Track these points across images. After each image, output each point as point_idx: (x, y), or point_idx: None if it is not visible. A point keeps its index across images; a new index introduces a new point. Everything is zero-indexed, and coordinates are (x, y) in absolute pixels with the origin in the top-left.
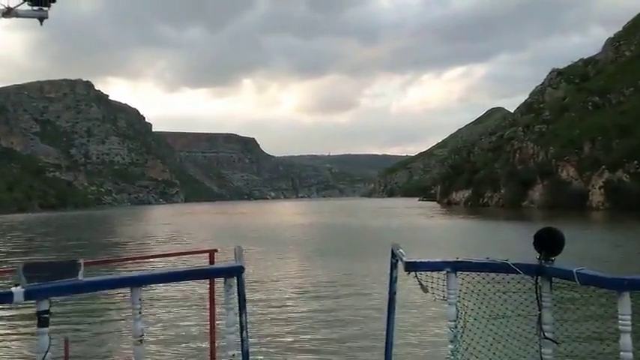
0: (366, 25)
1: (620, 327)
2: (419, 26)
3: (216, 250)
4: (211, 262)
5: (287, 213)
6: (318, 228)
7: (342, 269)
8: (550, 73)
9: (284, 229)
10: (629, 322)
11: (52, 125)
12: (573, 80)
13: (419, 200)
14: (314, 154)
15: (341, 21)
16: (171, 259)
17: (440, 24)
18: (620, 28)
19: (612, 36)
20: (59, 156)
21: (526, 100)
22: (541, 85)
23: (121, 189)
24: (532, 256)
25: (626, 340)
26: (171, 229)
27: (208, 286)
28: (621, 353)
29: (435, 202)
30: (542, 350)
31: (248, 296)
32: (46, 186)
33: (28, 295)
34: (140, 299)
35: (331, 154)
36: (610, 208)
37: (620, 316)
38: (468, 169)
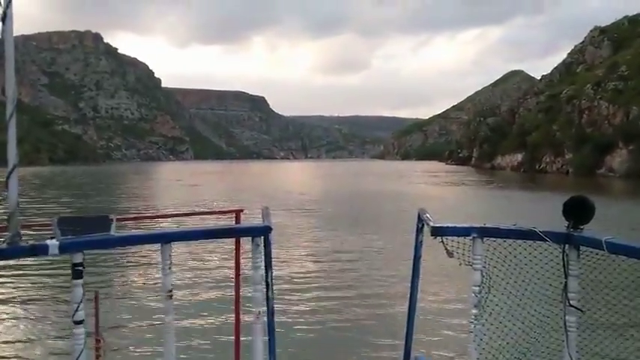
0: None
1: None
2: None
3: (242, 210)
4: (237, 221)
5: (304, 176)
6: (350, 196)
7: (372, 239)
8: (591, 31)
9: (308, 193)
10: None
11: (60, 77)
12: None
13: (447, 164)
14: (324, 114)
15: None
16: (198, 217)
17: None
18: None
19: None
20: (68, 109)
21: (564, 60)
22: (581, 43)
23: (131, 144)
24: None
25: None
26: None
27: (234, 244)
28: None
29: (468, 167)
30: (567, 318)
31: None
32: (55, 139)
33: (63, 248)
34: (170, 255)
35: (340, 115)
36: None
37: None
38: (516, 132)
